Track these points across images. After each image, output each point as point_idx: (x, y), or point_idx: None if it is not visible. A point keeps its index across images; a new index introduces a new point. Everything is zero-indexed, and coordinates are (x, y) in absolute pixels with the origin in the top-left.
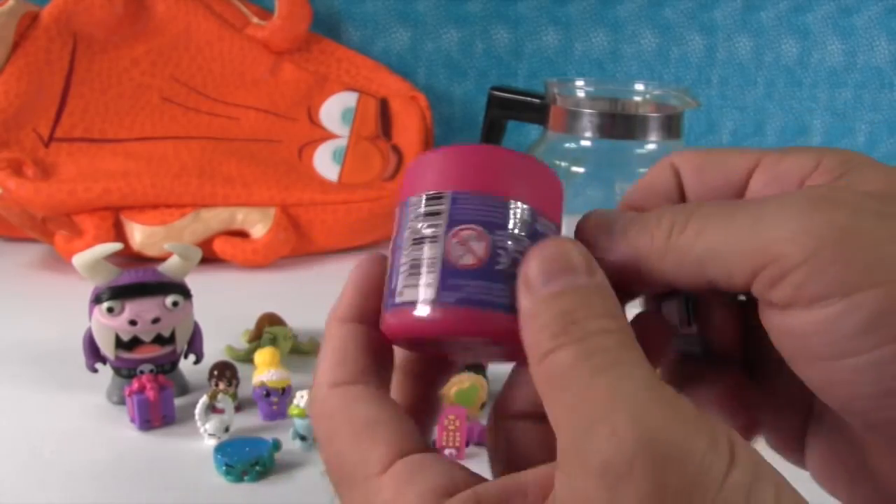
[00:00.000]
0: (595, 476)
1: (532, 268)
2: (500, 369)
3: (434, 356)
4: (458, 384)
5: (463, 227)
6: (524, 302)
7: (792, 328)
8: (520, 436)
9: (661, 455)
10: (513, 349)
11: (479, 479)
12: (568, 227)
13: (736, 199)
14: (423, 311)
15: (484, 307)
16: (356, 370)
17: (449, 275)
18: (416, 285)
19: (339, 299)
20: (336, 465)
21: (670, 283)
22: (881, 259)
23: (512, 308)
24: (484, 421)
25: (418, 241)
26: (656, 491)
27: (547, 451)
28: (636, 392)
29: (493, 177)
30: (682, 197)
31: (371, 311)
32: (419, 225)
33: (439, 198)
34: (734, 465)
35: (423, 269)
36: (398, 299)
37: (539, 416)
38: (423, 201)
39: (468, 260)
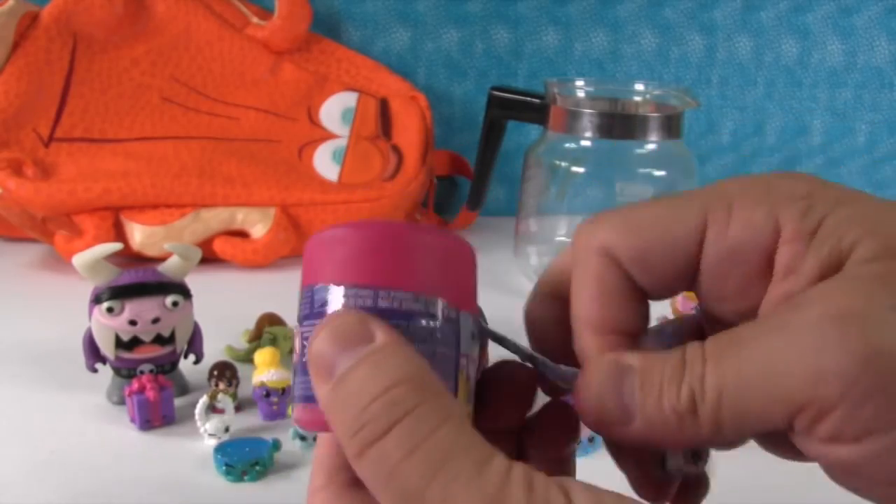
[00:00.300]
0: None
1: (315, 354)
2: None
3: None
4: None
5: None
6: (321, 394)
7: (839, 460)
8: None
9: None
10: None
11: None
12: (569, 227)
13: (687, 269)
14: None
15: (304, 402)
16: (330, 470)
17: (297, 372)
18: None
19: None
20: None
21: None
22: None
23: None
24: None
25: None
26: None
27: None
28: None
29: (309, 266)
30: (633, 289)
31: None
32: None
33: (303, 292)
34: None
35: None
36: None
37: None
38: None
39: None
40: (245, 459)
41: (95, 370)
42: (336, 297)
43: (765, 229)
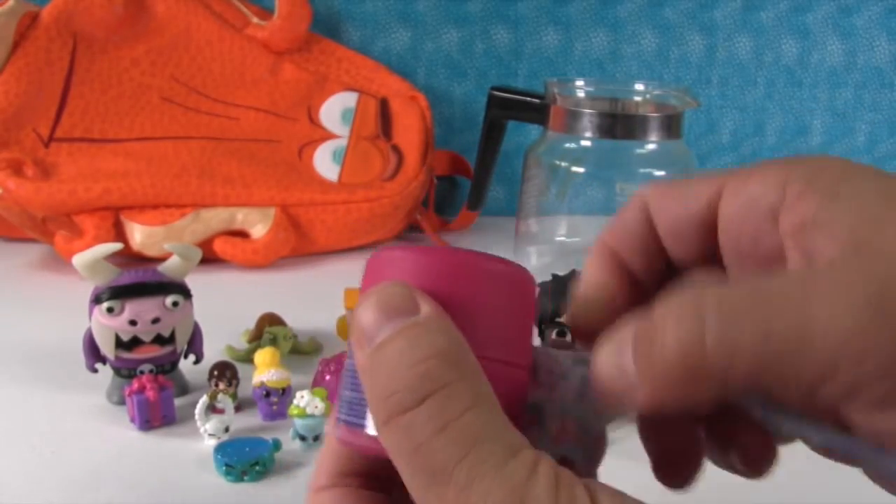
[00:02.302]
0: None
1: (359, 322)
2: None
3: None
4: None
5: None
6: (359, 359)
7: (878, 427)
8: None
9: None
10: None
11: None
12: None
13: (705, 227)
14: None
15: (350, 425)
16: (333, 472)
17: (345, 387)
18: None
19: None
20: None
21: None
22: None
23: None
24: None
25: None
26: None
27: None
28: (497, 489)
29: (371, 280)
30: (652, 234)
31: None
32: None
33: None
34: None
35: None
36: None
37: None
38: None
39: None
40: (245, 459)
41: (95, 370)
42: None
43: (773, 193)
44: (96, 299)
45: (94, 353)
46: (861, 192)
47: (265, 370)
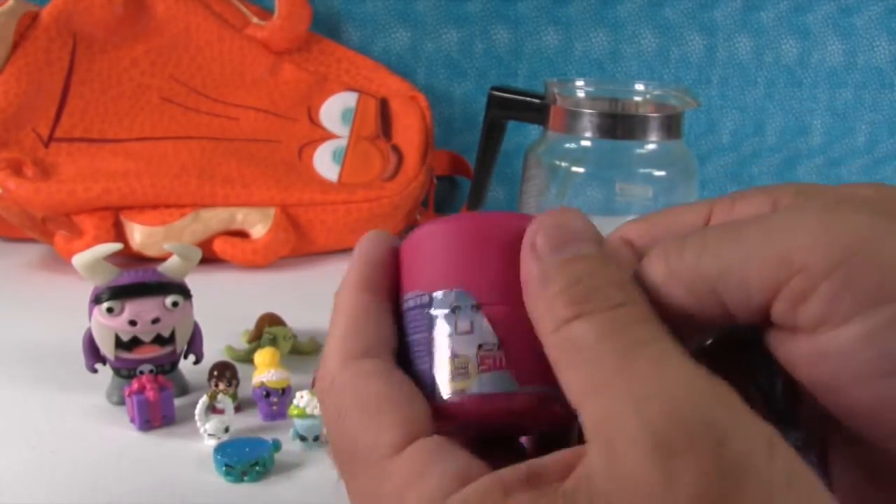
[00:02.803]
0: (645, 452)
1: (539, 237)
2: None
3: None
4: None
5: None
6: (532, 268)
7: (826, 351)
8: None
9: (719, 433)
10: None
11: (500, 466)
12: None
13: None
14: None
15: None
16: (369, 342)
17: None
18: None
19: (349, 271)
20: (343, 446)
21: (686, 316)
22: None
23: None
24: None
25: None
26: (715, 469)
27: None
28: (683, 370)
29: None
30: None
31: (382, 282)
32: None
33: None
34: (774, 456)
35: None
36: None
37: None
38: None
39: None
40: (245, 460)
41: (95, 370)
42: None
43: (762, 205)
44: (96, 299)
45: (93, 354)
46: (825, 194)
47: (265, 370)
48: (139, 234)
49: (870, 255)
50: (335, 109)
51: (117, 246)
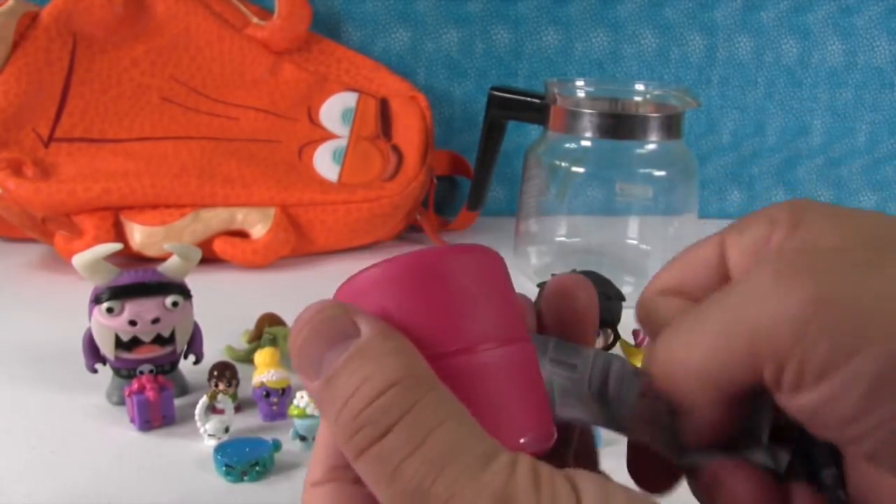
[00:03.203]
0: None
1: (299, 349)
2: None
3: None
4: None
5: None
6: (309, 389)
7: (805, 407)
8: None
9: None
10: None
11: None
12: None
13: (724, 284)
14: None
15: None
16: (332, 468)
17: None
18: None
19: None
20: None
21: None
22: (864, 315)
23: None
24: None
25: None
26: None
27: None
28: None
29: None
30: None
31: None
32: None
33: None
34: None
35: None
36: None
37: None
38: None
39: None
40: (245, 460)
41: (95, 370)
42: None
43: (764, 229)
44: (96, 299)
45: (94, 354)
46: (816, 222)
47: (265, 370)
48: (139, 234)
49: (820, 324)
50: (335, 109)
51: (117, 246)
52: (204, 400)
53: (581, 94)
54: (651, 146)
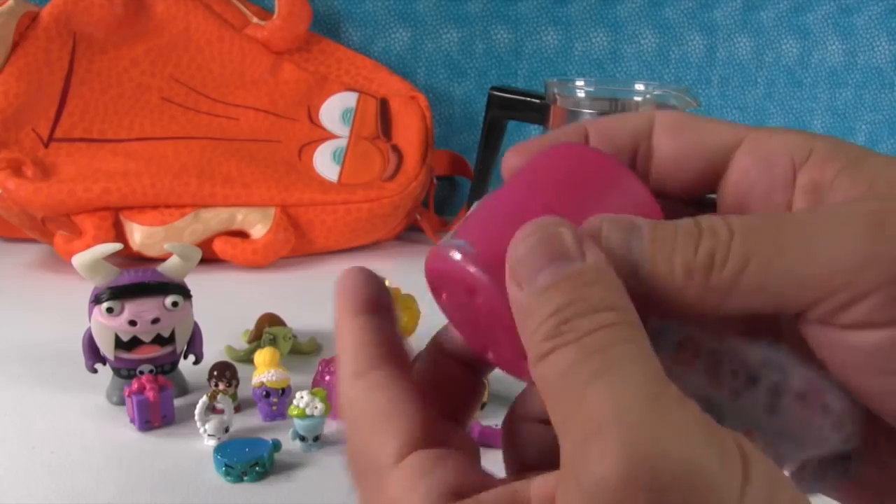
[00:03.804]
0: (587, 497)
1: (517, 263)
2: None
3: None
4: None
5: None
6: (515, 298)
7: (860, 346)
8: (534, 438)
9: (664, 477)
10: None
11: (493, 480)
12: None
13: (713, 174)
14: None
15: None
16: (371, 358)
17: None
18: None
19: (338, 302)
20: (353, 457)
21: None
22: None
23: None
24: (484, 421)
25: None
26: None
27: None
28: (633, 402)
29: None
30: (646, 152)
31: (375, 302)
32: None
33: None
34: (749, 482)
35: None
36: None
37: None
38: None
39: None
40: (245, 460)
41: (95, 370)
42: None
43: (799, 151)
44: (96, 299)
45: (93, 354)
46: (884, 167)
47: (265, 370)
48: (139, 234)
49: None
50: (335, 109)
51: (117, 246)
52: (204, 400)
53: (581, 94)
54: None
